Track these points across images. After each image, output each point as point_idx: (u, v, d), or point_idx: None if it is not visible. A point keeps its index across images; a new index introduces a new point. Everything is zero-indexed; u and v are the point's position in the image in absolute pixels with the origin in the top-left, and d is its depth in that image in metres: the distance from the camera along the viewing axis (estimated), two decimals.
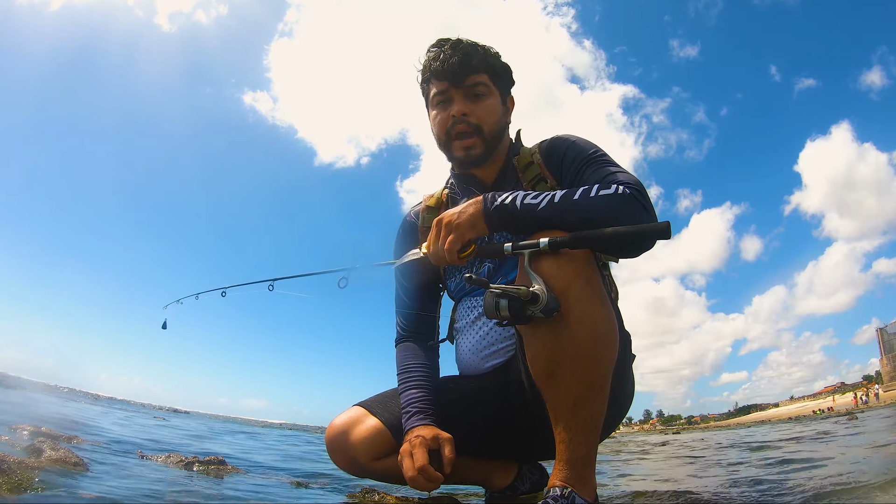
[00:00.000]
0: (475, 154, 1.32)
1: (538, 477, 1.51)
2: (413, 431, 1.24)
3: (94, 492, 1.21)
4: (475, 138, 1.31)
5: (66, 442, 1.95)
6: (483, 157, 1.34)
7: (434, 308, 1.53)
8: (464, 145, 1.32)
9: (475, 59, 1.31)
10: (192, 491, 1.43)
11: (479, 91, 1.32)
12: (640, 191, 1.08)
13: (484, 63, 1.32)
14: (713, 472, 2.26)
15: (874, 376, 66.75)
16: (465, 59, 1.30)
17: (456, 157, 1.35)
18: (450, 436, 1.22)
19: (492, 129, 1.33)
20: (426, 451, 1.18)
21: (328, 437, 1.39)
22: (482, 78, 1.32)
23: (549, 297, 0.96)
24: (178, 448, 2.70)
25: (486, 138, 1.32)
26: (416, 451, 1.17)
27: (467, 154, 1.32)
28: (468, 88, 1.31)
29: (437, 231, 1.13)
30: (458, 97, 1.31)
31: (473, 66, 1.30)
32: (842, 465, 2.06)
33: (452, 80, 1.31)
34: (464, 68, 1.30)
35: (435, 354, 1.49)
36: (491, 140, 1.34)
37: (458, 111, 1.30)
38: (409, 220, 1.52)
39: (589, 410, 1.01)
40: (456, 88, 1.31)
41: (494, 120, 1.34)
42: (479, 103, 1.32)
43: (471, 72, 1.30)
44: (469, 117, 1.30)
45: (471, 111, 1.30)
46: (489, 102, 1.33)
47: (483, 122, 1.31)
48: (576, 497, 0.98)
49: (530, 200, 1.08)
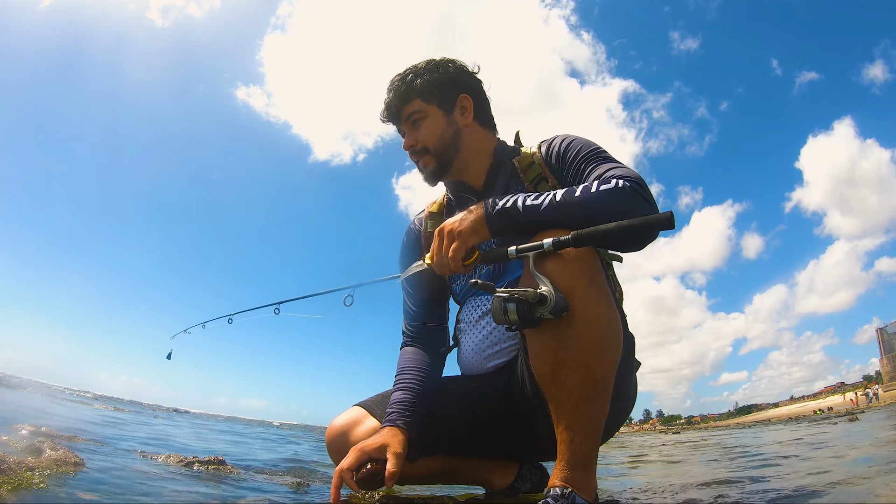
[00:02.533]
0: (431, 169, 1.41)
1: (539, 477, 1.51)
2: (379, 432, 1.25)
3: (94, 492, 1.21)
4: (426, 156, 1.41)
5: (66, 441, 1.95)
6: (441, 167, 1.42)
7: (442, 314, 1.55)
8: (421, 165, 1.43)
9: (402, 92, 1.40)
10: (192, 491, 1.42)
11: (414, 118, 1.41)
12: (640, 184, 1.09)
13: (412, 91, 1.40)
14: (713, 473, 2.26)
15: (874, 376, 66.79)
16: (394, 98, 1.41)
17: (422, 176, 1.45)
18: (400, 450, 1.18)
19: (436, 144, 1.40)
20: (359, 458, 1.16)
21: (328, 437, 1.39)
22: (413, 106, 1.40)
23: (557, 297, 0.96)
24: (177, 448, 2.70)
25: (433, 153, 1.40)
26: (350, 455, 1.17)
27: (426, 171, 1.42)
28: (407, 120, 1.41)
29: (439, 240, 1.14)
30: (407, 130, 1.43)
31: (404, 100, 1.41)
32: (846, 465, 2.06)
33: (393, 120, 1.45)
34: (396, 107, 1.42)
35: (440, 359, 1.50)
36: (440, 152, 1.40)
37: (405, 145, 1.43)
38: (414, 228, 1.56)
39: (591, 411, 1.01)
40: (401, 125, 1.44)
41: (436, 136, 1.40)
42: (419, 129, 1.41)
43: (403, 104, 1.41)
44: (415, 147, 1.41)
45: (415, 140, 1.41)
46: (425, 123, 1.41)
47: (427, 143, 1.40)
48: (576, 497, 0.98)
49: (532, 201, 1.09)
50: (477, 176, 1.43)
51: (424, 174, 1.43)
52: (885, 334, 56.64)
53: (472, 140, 1.43)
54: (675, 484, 1.81)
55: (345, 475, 1.14)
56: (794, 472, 1.95)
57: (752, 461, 2.68)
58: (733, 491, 1.53)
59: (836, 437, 4.07)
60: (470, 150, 1.42)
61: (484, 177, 1.42)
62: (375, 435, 1.23)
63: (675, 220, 0.97)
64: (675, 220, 0.97)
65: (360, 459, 1.16)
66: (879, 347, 56.90)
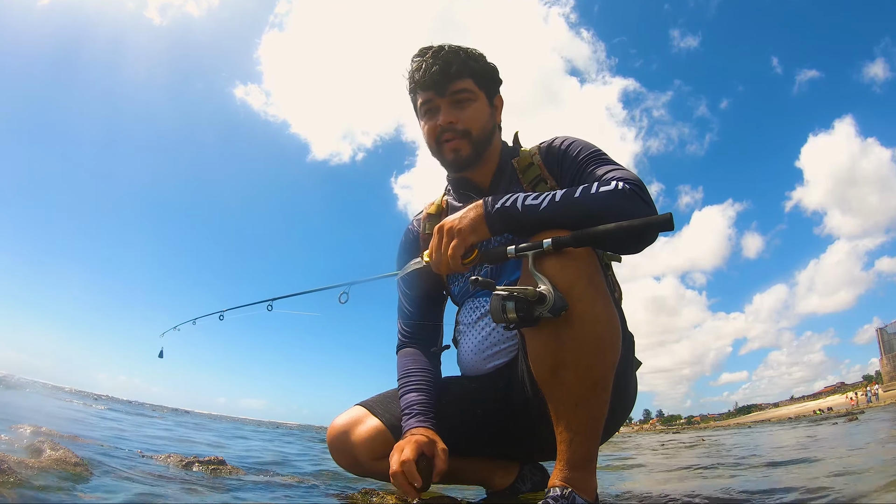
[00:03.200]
0: (464, 156, 1.34)
1: (539, 477, 1.51)
2: (411, 432, 1.24)
3: (95, 492, 1.21)
4: (463, 140, 1.33)
5: (67, 441, 1.95)
6: (473, 158, 1.35)
7: (437, 315, 1.54)
8: (452, 147, 1.33)
9: (456, 65, 1.31)
10: (192, 491, 1.42)
11: (462, 97, 1.33)
12: (640, 186, 1.09)
13: (466, 68, 1.33)
14: (714, 473, 2.26)
15: (874, 376, 66.76)
16: (445, 66, 1.30)
17: (447, 160, 1.37)
18: (445, 447, 1.18)
19: (479, 132, 1.34)
20: (417, 449, 1.14)
21: (330, 436, 1.39)
22: (465, 84, 1.33)
23: (556, 296, 0.96)
24: (177, 448, 2.70)
25: (474, 141, 1.34)
26: (407, 447, 1.14)
27: (457, 156, 1.34)
28: (452, 96, 1.32)
29: (438, 238, 1.14)
30: (444, 105, 1.32)
31: (455, 73, 1.31)
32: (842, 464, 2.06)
33: (436, 90, 1.32)
34: (445, 77, 1.30)
35: (437, 360, 1.49)
36: (480, 142, 1.35)
37: (444, 121, 1.32)
38: (412, 230, 1.54)
39: (591, 411, 1.01)
40: (440, 97, 1.32)
41: (481, 123, 1.35)
42: (464, 109, 1.33)
43: (453, 79, 1.31)
44: (456, 125, 1.32)
45: (457, 118, 1.32)
46: (475, 107, 1.34)
47: (471, 127, 1.33)
48: (576, 497, 0.98)
49: (531, 201, 1.09)
50: (485, 176, 1.42)
51: (453, 158, 1.34)
52: (885, 334, 56.62)
53: (496, 139, 1.43)
54: (674, 483, 1.81)
55: (408, 466, 1.10)
56: (793, 471, 1.95)
57: (751, 461, 2.69)
58: (735, 492, 1.53)
59: (835, 438, 4.07)
60: (492, 149, 1.41)
61: (491, 177, 1.42)
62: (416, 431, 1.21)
63: (675, 222, 0.97)
64: (675, 222, 0.97)
65: (417, 452, 1.14)
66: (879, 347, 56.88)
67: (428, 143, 1.39)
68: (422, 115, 1.38)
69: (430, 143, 1.37)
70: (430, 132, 1.36)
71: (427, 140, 1.38)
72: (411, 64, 1.37)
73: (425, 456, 1.15)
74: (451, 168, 1.40)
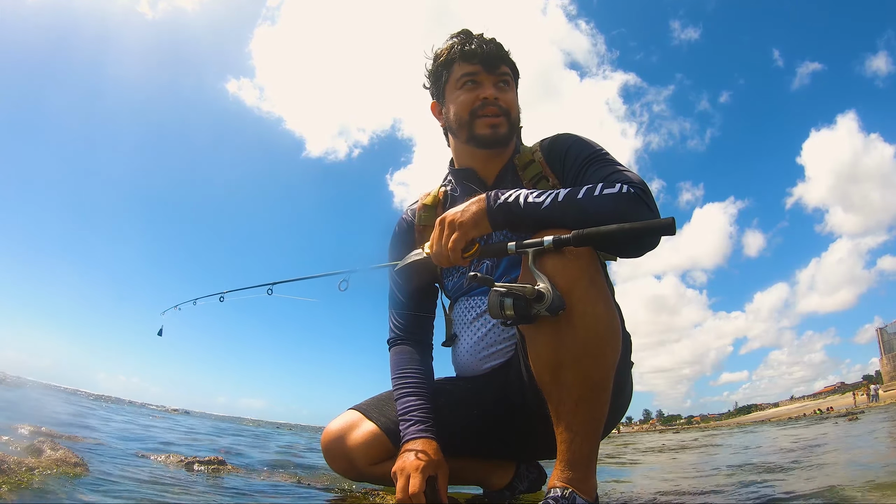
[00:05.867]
0: (501, 132, 1.34)
1: (536, 476, 1.51)
2: (413, 443, 1.23)
3: (95, 492, 1.21)
4: (503, 118, 1.34)
5: (66, 442, 1.94)
6: (506, 138, 1.36)
7: (431, 306, 1.52)
8: (490, 123, 1.33)
9: (503, 51, 1.37)
10: (192, 491, 1.42)
11: (507, 80, 1.37)
12: (644, 190, 1.08)
13: (507, 57, 1.38)
14: (714, 473, 2.26)
15: (874, 376, 66.71)
16: (498, 48, 1.36)
17: (479, 135, 1.34)
18: (447, 469, 1.20)
19: (516, 117, 1.38)
20: (424, 478, 1.15)
21: (324, 442, 1.38)
22: (507, 70, 1.37)
23: (554, 294, 0.96)
24: (177, 448, 2.70)
25: (511, 123, 1.36)
26: (414, 477, 1.15)
27: (494, 131, 1.33)
28: (498, 76, 1.35)
29: (440, 230, 1.13)
30: (488, 82, 1.34)
31: (503, 57, 1.36)
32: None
33: (486, 65, 1.34)
34: (498, 55, 1.35)
35: (429, 357, 1.48)
36: (514, 127, 1.38)
37: (491, 94, 1.33)
38: (406, 219, 1.51)
39: (591, 411, 1.01)
40: (487, 73, 1.34)
41: (517, 111, 1.39)
42: (506, 92, 1.36)
43: (501, 61, 1.36)
44: (500, 101, 1.34)
45: (500, 97, 1.34)
46: (514, 94, 1.39)
47: (511, 109, 1.36)
48: (576, 497, 0.98)
49: (534, 199, 1.08)
50: (493, 169, 1.41)
51: (489, 133, 1.32)
52: (885, 334, 56.58)
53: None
54: (674, 483, 1.81)
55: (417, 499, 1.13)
56: (791, 473, 1.95)
57: (753, 462, 2.68)
58: (735, 492, 1.52)
59: (837, 438, 4.07)
60: (510, 144, 1.42)
61: (497, 173, 1.41)
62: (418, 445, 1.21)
63: (677, 221, 0.96)
64: (677, 221, 0.96)
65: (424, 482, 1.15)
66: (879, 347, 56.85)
67: (457, 114, 1.36)
68: (458, 87, 1.36)
69: (463, 114, 1.35)
70: (466, 102, 1.34)
71: (458, 111, 1.35)
72: (451, 39, 1.39)
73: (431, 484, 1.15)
74: (479, 143, 1.36)
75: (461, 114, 1.35)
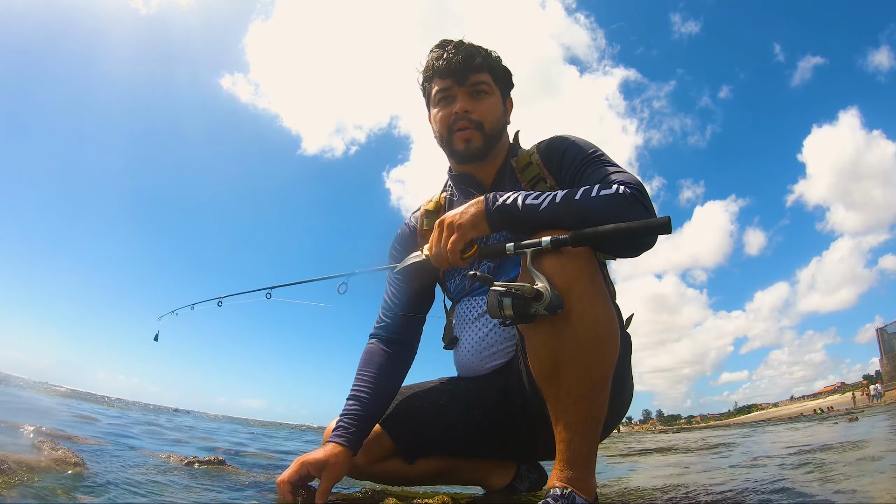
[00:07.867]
0: (474, 147, 1.33)
1: (537, 476, 1.51)
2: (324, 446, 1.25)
3: (95, 492, 1.21)
4: (476, 131, 1.33)
5: (66, 441, 1.95)
6: (482, 151, 1.35)
7: (423, 308, 1.50)
8: (464, 137, 1.33)
9: (478, 58, 1.33)
10: (193, 491, 1.42)
11: (481, 89, 1.34)
12: (640, 191, 1.09)
13: (486, 63, 1.35)
14: (714, 473, 2.26)
15: (874, 376, 66.71)
16: (468, 57, 1.32)
17: (456, 150, 1.35)
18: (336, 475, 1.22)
19: (492, 126, 1.35)
20: (300, 471, 1.19)
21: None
22: (484, 77, 1.34)
23: (552, 294, 0.97)
24: (177, 448, 2.70)
25: (486, 134, 1.33)
26: (292, 466, 1.20)
27: (467, 147, 1.33)
28: (471, 87, 1.33)
29: (438, 232, 1.14)
30: (462, 95, 1.33)
31: (476, 66, 1.32)
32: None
33: (456, 78, 1.33)
34: (467, 66, 1.32)
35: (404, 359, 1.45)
36: (491, 137, 1.35)
37: (460, 108, 1.32)
38: (409, 225, 1.52)
39: (590, 410, 1.02)
40: (459, 86, 1.33)
41: (495, 118, 1.36)
42: (481, 101, 1.34)
43: (473, 70, 1.32)
44: (471, 114, 1.32)
45: (473, 108, 1.32)
46: (491, 101, 1.35)
47: (484, 119, 1.33)
48: (576, 497, 0.98)
49: (532, 201, 1.09)
50: (489, 173, 1.41)
51: (463, 148, 1.33)
52: (885, 334, 56.60)
53: (504, 138, 1.43)
54: (673, 482, 1.81)
55: (283, 487, 1.17)
56: (793, 472, 1.95)
57: (754, 462, 2.69)
58: (736, 493, 1.53)
59: (835, 437, 4.07)
60: (500, 147, 1.41)
61: (494, 175, 1.41)
62: (321, 449, 1.24)
63: (676, 218, 0.97)
64: (676, 218, 0.97)
65: (301, 474, 1.19)
66: (879, 347, 56.87)
67: (438, 132, 1.38)
68: (435, 104, 1.37)
69: (442, 131, 1.36)
70: (443, 119, 1.35)
71: (438, 128, 1.37)
72: (430, 54, 1.38)
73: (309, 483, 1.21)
74: (458, 159, 1.38)
75: (441, 131, 1.37)
